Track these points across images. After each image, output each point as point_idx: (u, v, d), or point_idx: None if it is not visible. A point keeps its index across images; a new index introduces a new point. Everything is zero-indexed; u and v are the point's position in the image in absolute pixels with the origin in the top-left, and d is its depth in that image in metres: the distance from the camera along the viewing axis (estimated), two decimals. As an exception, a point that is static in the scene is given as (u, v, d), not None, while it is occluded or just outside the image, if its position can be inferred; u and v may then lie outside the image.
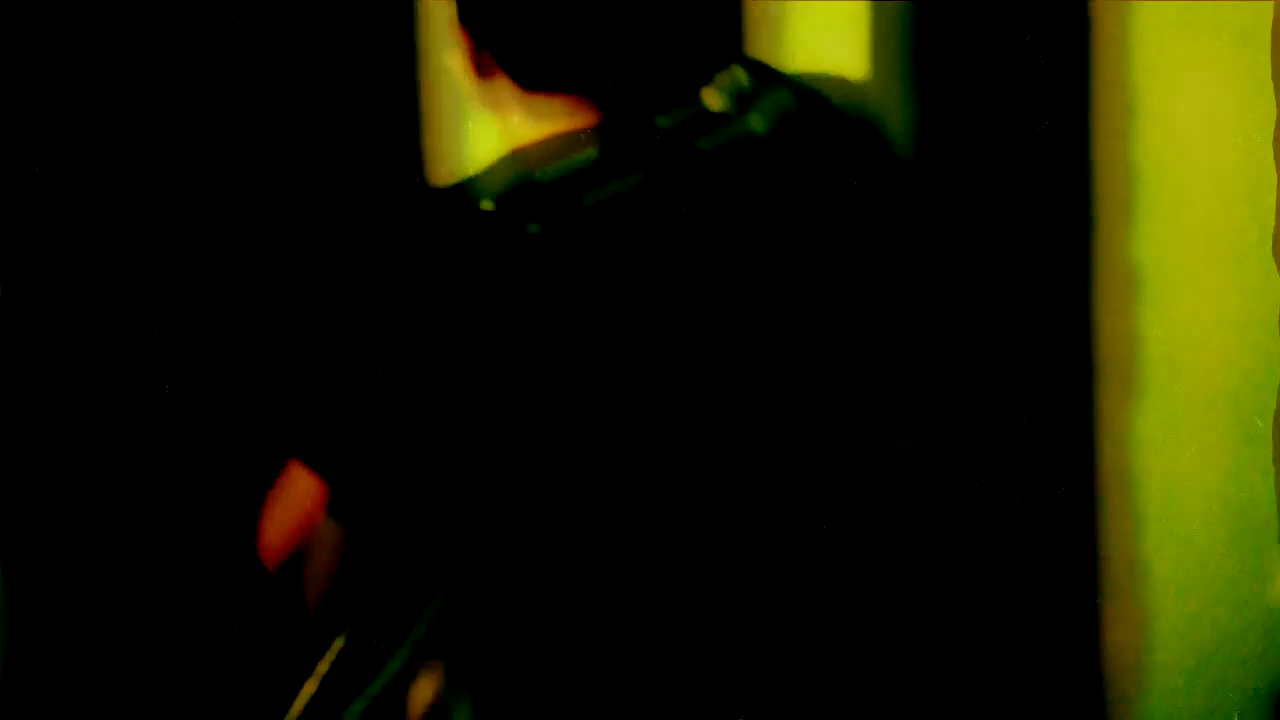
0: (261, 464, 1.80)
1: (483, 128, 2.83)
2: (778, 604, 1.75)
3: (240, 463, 2.77)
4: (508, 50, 1.73)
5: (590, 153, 1.70)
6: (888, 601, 1.81)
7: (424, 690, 2.00)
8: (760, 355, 1.70)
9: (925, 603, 1.85)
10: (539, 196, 1.66)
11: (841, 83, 1.90)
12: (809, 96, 1.75)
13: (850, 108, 1.80)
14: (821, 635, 1.77)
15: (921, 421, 1.86)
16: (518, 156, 1.72)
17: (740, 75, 1.75)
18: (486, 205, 1.66)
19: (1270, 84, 1.90)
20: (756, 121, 1.71)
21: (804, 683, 1.76)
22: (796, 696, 1.76)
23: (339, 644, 1.98)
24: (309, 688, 1.99)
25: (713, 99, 1.74)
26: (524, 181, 1.68)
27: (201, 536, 2.83)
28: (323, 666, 1.97)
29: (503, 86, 1.75)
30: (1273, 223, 1.92)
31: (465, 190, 1.70)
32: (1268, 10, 1.87)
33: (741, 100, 1.73)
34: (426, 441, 1.66)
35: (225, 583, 2.79)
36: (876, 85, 1.98)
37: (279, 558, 1.76)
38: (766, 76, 1.76)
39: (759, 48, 2.11)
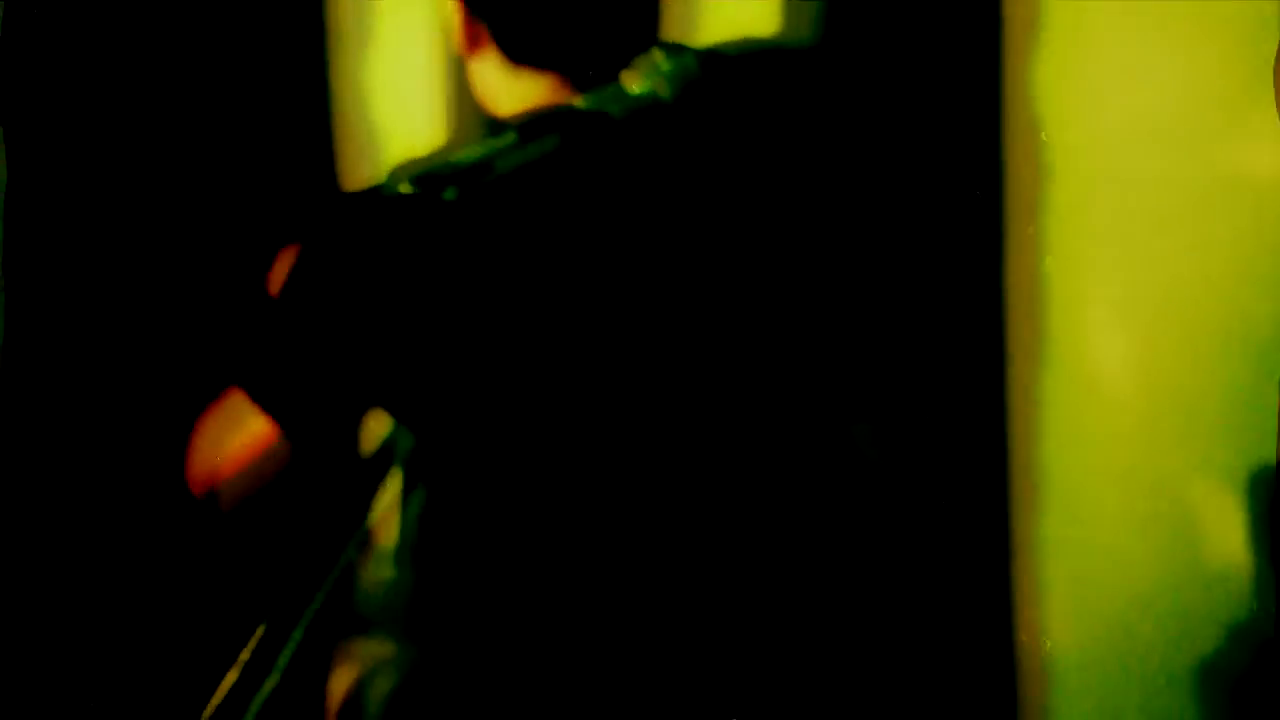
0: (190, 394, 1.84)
1: (394, 126, 2.85)
2: (729, 585, 1.77)
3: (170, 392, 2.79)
4: (500, 22, 1.78)
5: (510, 136, 1.74)
6: (840, 586, 1.84)
7: (344, 676, 2.01)
8: (671, 310, 1.73)
9: (866, 587, 1.88)
10: (456, 173, 1.72)
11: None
12: (715, 61, 1.79)
13: (767, 69, 1.83)
14: (770, 617, 1.79)
15: (883, 408, 1.90)
16: (493, 127, 1.79)
17: (659, 57, 1.78)
18: (405, 188, 1.72)
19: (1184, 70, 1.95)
20: (662, 89, 1.75)
21: (747, 658, 1.79)
22: (737, 670, 1.79)
23: (260, 632, 1.99)
24: (231, 676, 1.99)
25: (632, 82, 1.77)
26: (443, 164, 1.73)
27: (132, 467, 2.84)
28: (244, 655, 1.98)
29: (491, 58, 1.81)
30: (1184, 205, 1.97)
31: (389, 177, 1.75)
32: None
33: (657, 78, 1.77)
34: (372, 395, 1.74)
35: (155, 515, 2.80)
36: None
37: (209, 487, 1.80)
38: (679, 51, 1.80)
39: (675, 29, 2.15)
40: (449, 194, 1.69)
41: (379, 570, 2.01)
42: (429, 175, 1.72)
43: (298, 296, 1.72)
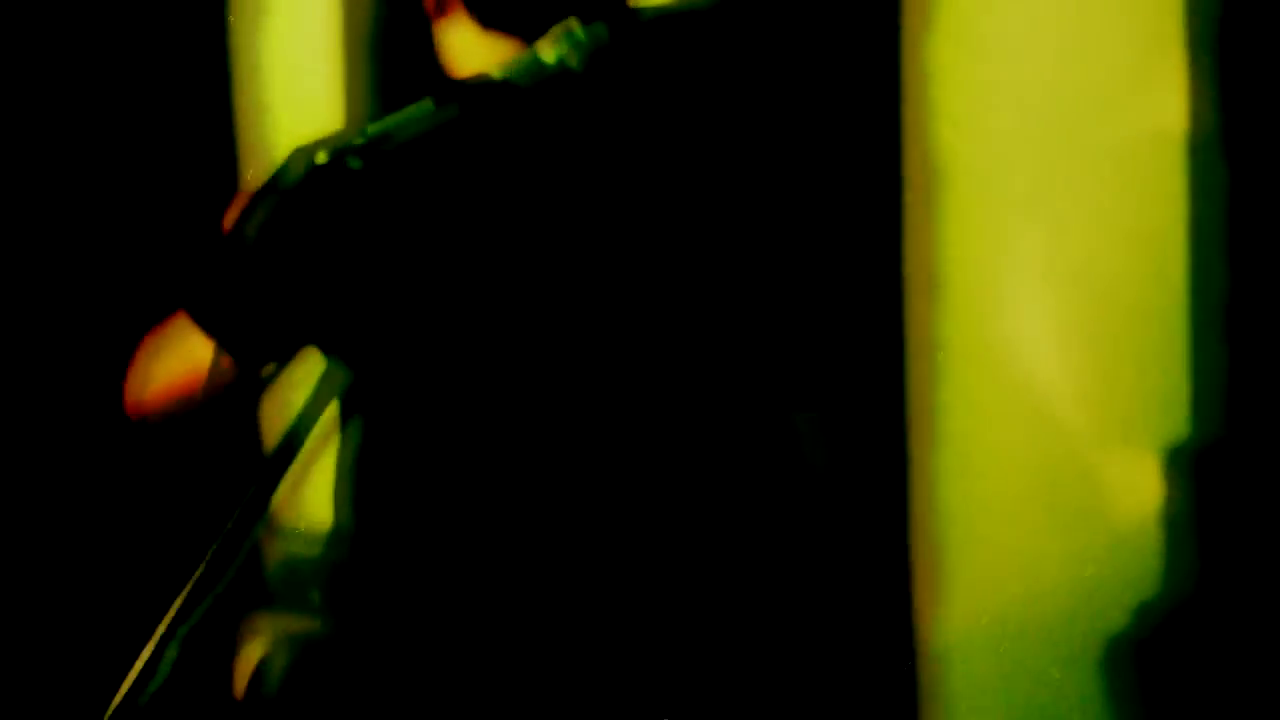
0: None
1: (292, 117, 2.85)
2: (648, 563, 1.79)
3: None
4: None
5: (425, 103, 1.77)
6: (751, 568, 1.86)
7: (250, 650, 2.00)
8: (554, 272, 1.76)
9: (773, 571, 1.91)
10: (368, 142, 1.78)
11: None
12: (626, 30, 1.82)
13: (677, 38, 1.85)
14: (682, 599, 1.81)
15: (826, 398, 1.92)
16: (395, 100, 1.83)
17: (573, 24, 1.80)
18: (321, 157, 1.77)
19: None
20: (571, 57, 1.78)
21: (652, 635, 1.81)
22: (641, 645, 1.80)
23: (181, 598, 1.99)
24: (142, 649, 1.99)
25: (546, 50, 1.79)
26: (360, 134, 1.79)
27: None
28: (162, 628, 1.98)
29: (461, 22, 1.85)
30: (1085, 174, 2.00)
31: (315, 148, 1.80)
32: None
33: (571, 44, 1.79)
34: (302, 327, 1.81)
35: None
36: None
37: (150, 409, 1.86)
38: (593, 19, 1.82)
39: None
40: (353, 163, 1.75)
41: (287, 546, 2.02)
42: (346, 145, 1.78)
43: (239, 240, 1.80)
